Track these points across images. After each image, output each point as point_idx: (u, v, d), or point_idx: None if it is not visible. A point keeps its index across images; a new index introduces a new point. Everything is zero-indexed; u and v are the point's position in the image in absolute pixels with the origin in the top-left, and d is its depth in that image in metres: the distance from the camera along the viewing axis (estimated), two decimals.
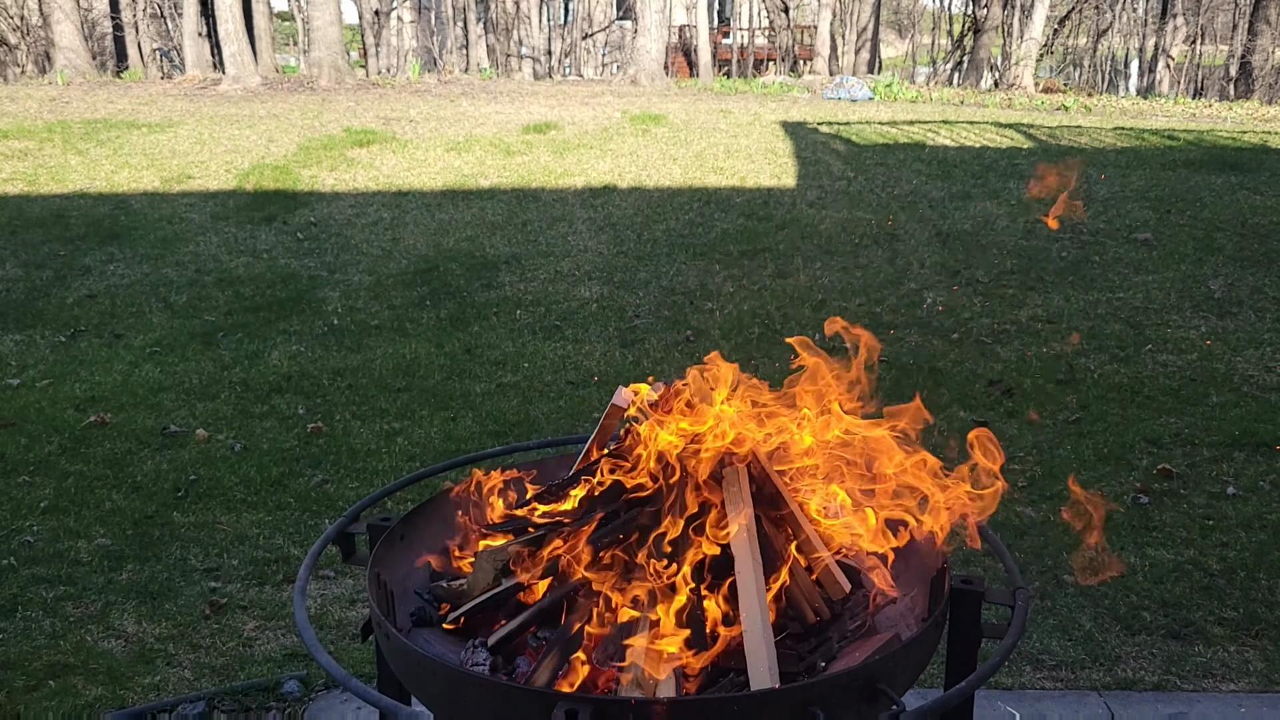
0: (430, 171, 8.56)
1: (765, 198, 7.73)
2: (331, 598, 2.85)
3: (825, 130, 10.41)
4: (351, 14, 25.67)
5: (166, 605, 2.82)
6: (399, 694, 1.72)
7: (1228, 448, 3.73)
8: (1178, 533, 3.12)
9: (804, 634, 1.62)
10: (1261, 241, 6.31)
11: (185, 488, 3.54)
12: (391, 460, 3.77)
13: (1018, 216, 7.02)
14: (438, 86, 13.96)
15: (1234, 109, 12.62)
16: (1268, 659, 2.51)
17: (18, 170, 8.24)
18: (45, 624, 2.72)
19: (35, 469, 3.68)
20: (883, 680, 1.38)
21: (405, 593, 1.77)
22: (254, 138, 9.56)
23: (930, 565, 1.73)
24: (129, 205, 7.47)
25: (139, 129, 9.80)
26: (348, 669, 1.71)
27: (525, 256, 6.49)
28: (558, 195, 7.91)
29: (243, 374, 4.66)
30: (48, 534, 3.21)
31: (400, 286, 5.95)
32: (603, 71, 25.94)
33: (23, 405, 4.26)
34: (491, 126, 10.28)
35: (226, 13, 13.51)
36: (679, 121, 10.63)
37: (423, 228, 7.08)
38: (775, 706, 1.34)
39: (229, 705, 2.38)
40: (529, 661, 1.56)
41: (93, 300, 5.70)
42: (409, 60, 21.04)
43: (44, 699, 2.41)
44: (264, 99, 12.09)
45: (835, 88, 14.26)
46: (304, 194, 7.89)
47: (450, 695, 1.44)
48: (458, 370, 4.70)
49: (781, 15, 25.84)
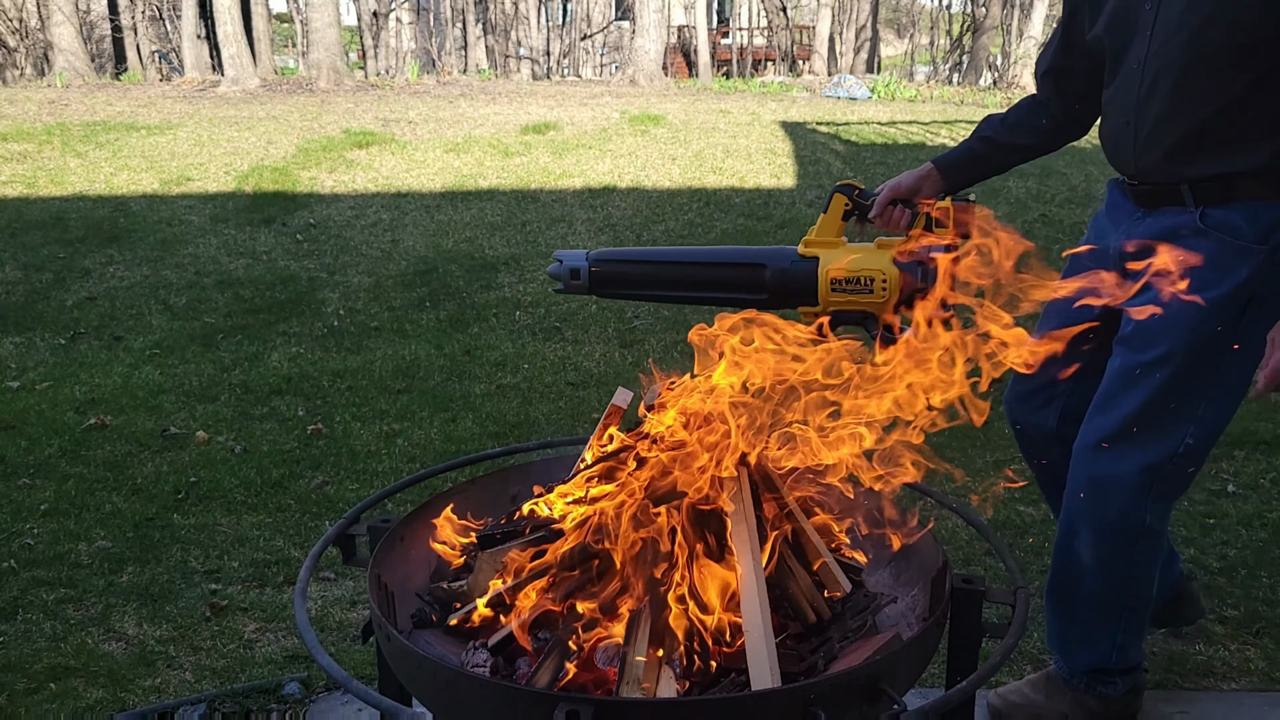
0: (429, 172, 8.56)
1: (764, 198, 7.73)
2: (332, 599, 2.85)
3: (824, 130, 10.41)
4: (350, 16, 25.68)
5: (167, 607, 2.82)
6: (400, 695, 1.72)
7: (1228, 446, 3.73)
8: (1178, 531, 3.12)
9: (805, 634, 1.62)
10: None
11: (185, 490, 3.54)
12: (391, 461, 3.77)
13: (1017, 216, 7.02)
14: (436, 88, 13.96)
15: None
16: (1269, 657, 2.51)
17: (17, 173, 8.24)
18: (46, 627, 2.72)
19: (35, 471, 3.68)
20: (884, 680, 1.38)
21: (406, 594, 1.77)
22: (253, 139, 9.56)
23: (931, 564, 1.73)
24: (128, 207, 7.47)
25: (138, 131, 9.80)
26: (348, 671, 1.71)
27: (525, 257, 6.49)
28: (557, 196, 7.91)
29: (243, 376, 4.66)
30: (48, 536, 3.21)
31: (400, 288, 5.95)
32: (601, 72, 25.94)
33: (23, 408, 4.26)
34: (490, 127, 10.28)
35: (225, 15, 13.51)
36: (678, 122, 10.64)
37: (422, 229, 7.09)
38: (776, 706, 1.34)
39: (230, 707, 2.37)
40: (530, 662, 1.56)
41: (92, 302, 5.70)
42: (408, 62, 21.04)
43: (45, 701, 2.41)
44: (263, 101, 12.09)
45: (834, 87, 14.27)
46: (303, 196, 7.89)
47: (451, 696, 1.44)
48: (457, 371, 4.70)
49: (780, 15, 25.84)
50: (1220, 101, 1.75)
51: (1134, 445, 1.91)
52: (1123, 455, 1.92)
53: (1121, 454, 1.92)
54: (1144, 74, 1.82)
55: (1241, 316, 1.81)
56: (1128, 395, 1.90)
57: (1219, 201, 1.81)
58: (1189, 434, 1.89)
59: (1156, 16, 1.78)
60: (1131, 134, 1.88)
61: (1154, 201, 1.91)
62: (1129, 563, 2.00)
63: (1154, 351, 1.86)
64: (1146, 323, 1.82)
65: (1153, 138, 1.84)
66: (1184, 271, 1.73)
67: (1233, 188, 1.80)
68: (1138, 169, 1.91)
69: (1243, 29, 1.69)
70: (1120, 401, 1.92)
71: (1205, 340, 1.83)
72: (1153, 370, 1.87)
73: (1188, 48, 1.74)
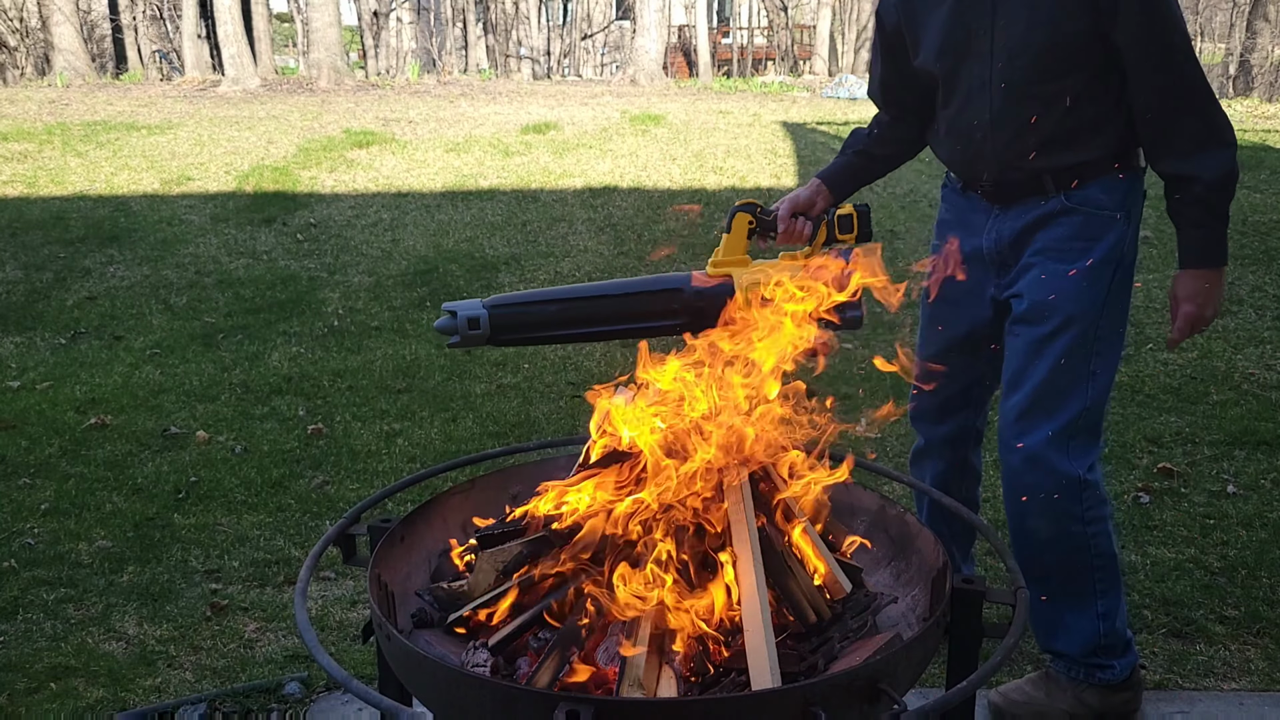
0: (429, 172, 8.56)
1: (765, 198, 7.73)
2: (332, 599, 2.85)
3: (825, 130, 10.41)
4: (350, 15, 25.69)
5: (167, 607, 2.82)
6: (400, 695, 1.72)
7: (1228, 446, 3.73)
8: (1178, 531, 3.12)
9: (805, 634, 1.62)
10: (1261, 239, 6.31)
11: (186, 489, 3.54)
12: (392, 461, 3.77)
13: None
14: (437, 87, 13.97)
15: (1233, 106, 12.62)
16: (1269, 657, 2.51)
17: (17, 172, 8.24)
18: (46, 626, 2.72)
19: (36, 471, 3.68)
20: (884, 680, 1.38)
21: (406, 594, 1.77)
22: (253, 139, 9.56)
23: (931, 564, 1.73)
24: (129, 207, 7.48)
25: (138, 131, 9.81)
26: (349, 670, 1.71)
27: (525, 257, 6.49)
28: (557, 195, 7.92)
29: (243, 375, 4.66)
30: (48, 536, 3.21)
31: (400, 287, 5.95)
32: (602, 72, 25.95)
33: (23, 408, 4.26)
34: (491, 127, 10.29)
35: (225, 14, 13.53)
36: (678, 121, 10.64)
37: (422, 229, 7.09)
38: (776, 706, 1.34)
39: (230, 707, 2.38)
40: (530, 662, 1.56)
41: (93, 302, 5.70)
42: (408, 61, 21.05)
43: (45, 701, 2.41)
44: (263, 100, 12.09)
45: (835, 87, 14.27)
46: (303, 195, 7.89)
47: (451, 696, 1.44)
48: (458, 371, 4.70)
49: (780, 15, 25.84)
50: (1067, 102, 1.95)
51: (1048, 410, 2.05)
52: (1041, 422, 2.05)
53: (1040, 422, 2.06)
54: (992, 92, 2.00)
55: (1114, 277, 2.03)
56: (1035, 367, 2.05)
57: (1079, 184, 2.01)
58: (1091, 388, 2.05)
59: (993, 41, 1.97)
60: (990, 145, 2.04)
61: (1012, 196, 2.08)
62: (1081, 521, 2.09)
63: (1052, 321, 2.03)
64: (1038, 296, 2.03)
65: (1013, 145, 2.01)
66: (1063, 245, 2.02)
67: (1087, 170, 2.01)
68: (996, 173, 2.07)
69: (1078, 40, 1.90)
70: (1030, 375, 2.06)
71: (1092, 302, 2.02)
72: (1055, 338, 2.03)
73: (1035, 60, 1.94)
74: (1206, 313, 2.02)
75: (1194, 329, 2.04)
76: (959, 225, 2.19)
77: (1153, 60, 1.89)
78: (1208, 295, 2.01)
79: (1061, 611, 2.17)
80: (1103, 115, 1.97)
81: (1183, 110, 1.91)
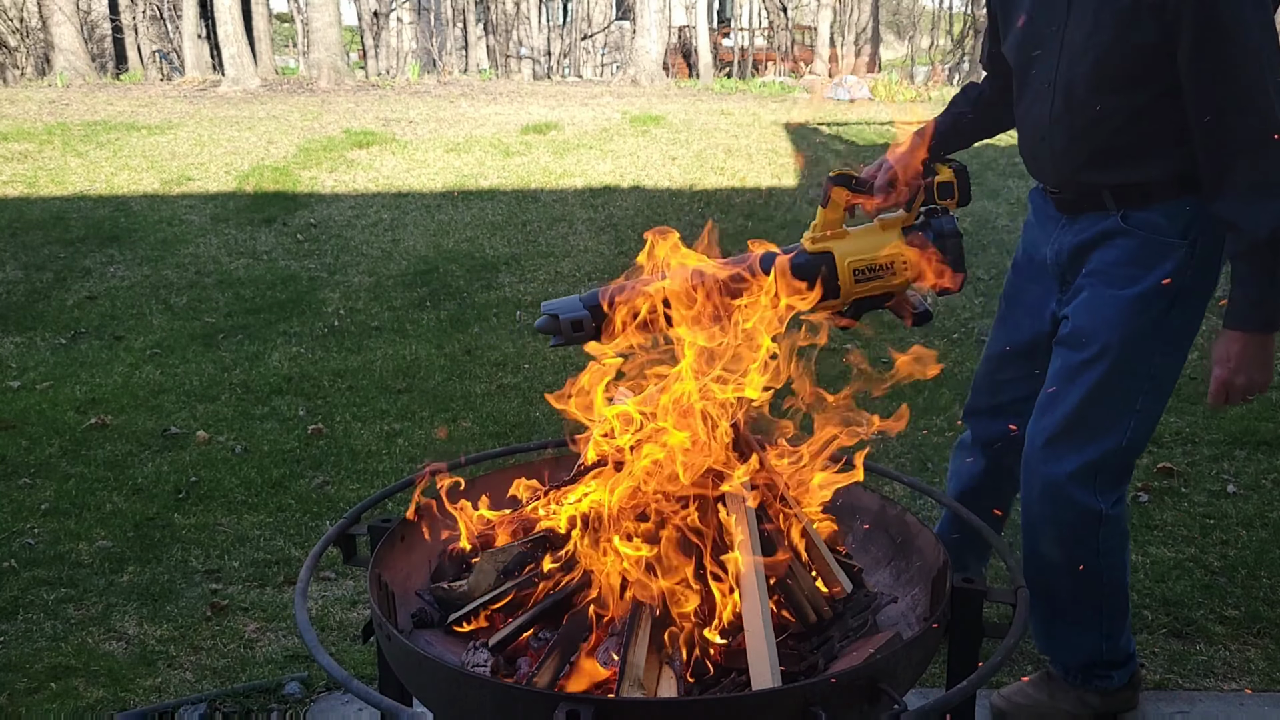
0: (430, 172, 8.56)
1: (765, 198, 7.73)
2: (333, 599, 2.85)
3: (825, 130, 10.42)
4: (351, 15, 25.69)
5: (167, 607, 2.82)
6: (400, 695, 1.72)
7: (1228, 446, 3.73)
8: (1178, 531, 3.12)
9: (805, 634, 1.62)
10: None
11: (186, 489, 3.54)
12: (392, 461, 3.77)
13: (1017, 215, 7.02)
14: (437, 87, 13.97)
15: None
16: (1269, 657, 2.51)
17: (17, 172, 8.24)
18: (46, 626, 2.72)
19: (36, 471, 3.68)
20: (884, 680, 1.38)
21: (406, 594, 1.77)
22: (253, 139, 9.56)
23: (932, 564, 1.73)
24: (129, 207, 7.48)
25: (139, 131, 9.81)
26: (349, 670, 1.71)
27: (525, 257, 6.49)
28: (557, 195, 7.92)
29: (243, 375, 4.66)
30: (49, 536, 3.21)
31: (400, 287, 5.95)
32: (602, 72, 25.94)
33: (23, 408, 4.26)
34: (491, 127, 10.29)
35: (226, 14, 13.52)
36: (679, 122, 10.64)
37: (422, 229, 7.09)
38: (777, 706, 1.34)
39: (230, 707, 2.38)
40: (530, 662, 1.56)
41: (93, 302, 5.70)
42: (408, 61, 21.05)
43: (45, 701, 2.41)
44: (263, 101, 12.09)
45: (835, 88, 14.26)
46: (304, 195, 7.89)
47: (451, 696, 1.44)
48: (458, 371, 4.70)
49: (781, 16, 25.84)
50: (1127, 116, 1.84)
51: (1078, 442, 1.96)
52: (1069, 453, 1.97)
53: (1067, 451, 1.97)
54: (1054, 92, 1.91)
55: (1170, 309, 1.89)
56: (1067, 394, 1.96)
57: (1139, 204, 1.89)
58: (1130, 427, 1.95)
59: (1061, 42, 1.88)
60: (1048, 149, 1.96)
61: (1077, 208, 1.98)
62: (1096, 554, 2.04)
63: (1090, 349, 1.92)
64: (1081, 322, 1.93)
65: (1068, 152, 1.93)
66: (1113, 269, 1.88)
67: (1149, 191, 1.88)
68: (1057, 179, 2.00)
69: (1143, 50, 1.78)
70: (1061, 401, 1.97)
71: (1137, 333, 1.89)
72: (1089, 367, 1.93)
73: (1094, 68, 1.83)
74: (1238, 380, 1.84)
75: (1228, 397, 1.87)
76: (1038, 227, 2.11)
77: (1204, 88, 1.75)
78: (1240, 360, 1.82)
79: (1065, 628, 2.14)
80: (1170, 135, 1.83)
81: (1237, 151, 1.74)
